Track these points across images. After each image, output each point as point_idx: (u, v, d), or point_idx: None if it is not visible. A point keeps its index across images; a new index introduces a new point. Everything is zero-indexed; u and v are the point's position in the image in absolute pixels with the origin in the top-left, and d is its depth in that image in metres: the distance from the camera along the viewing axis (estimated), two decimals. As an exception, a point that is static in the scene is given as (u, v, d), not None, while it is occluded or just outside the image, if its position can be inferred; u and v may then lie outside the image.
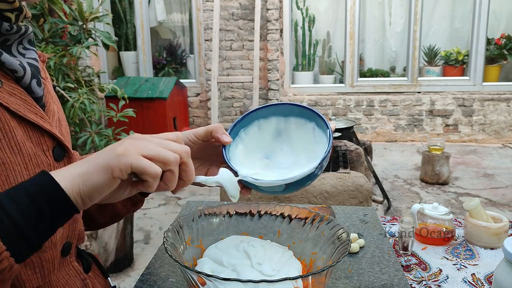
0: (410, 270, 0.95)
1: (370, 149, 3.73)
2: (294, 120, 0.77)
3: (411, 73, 5.19)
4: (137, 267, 2.46)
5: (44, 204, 0.48)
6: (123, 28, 5.62)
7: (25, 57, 0.63)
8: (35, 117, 0.59)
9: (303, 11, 5.37)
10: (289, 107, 0.77)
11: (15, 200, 0.48)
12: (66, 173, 0.51)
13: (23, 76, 0.59)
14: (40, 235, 0.49)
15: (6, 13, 0.59)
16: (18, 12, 0.61)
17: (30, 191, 0.48)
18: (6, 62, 0.57)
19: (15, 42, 0.62)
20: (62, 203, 0.50)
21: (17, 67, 0.59)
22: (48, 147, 0.61)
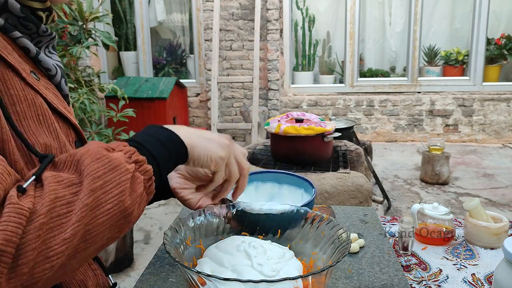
0: (410, 270, 0.95)
1: (370, 149, 3.72)
2: (287, 187, 0.94)
3: (411, 73, 5.19)
4: (137, 267, 2.46)
5: (173, 150, 0.61)
6: (123, 28, 5.62)
7: (52, 59, 0.68)
8: (65, 111, 0.65)
9: (303, 11, 5.37)
10: (284, 175, 0.95)
11: (151, 143, 0.60)
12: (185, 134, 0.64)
13: (55, 74, 0.66)
14: (168, 170, 0.62)
15: (39, 12, 0.63)
16: (48, 13, 0.65)
17: (162, 140, 0.61)
18: (42, 60, 0.64)
19: (44, 45, 0.66)
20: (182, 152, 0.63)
21: (51, 66, 0.65)
22: (72, 139, 0.67)
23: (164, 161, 0.59)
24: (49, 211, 0.45)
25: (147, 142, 0.59)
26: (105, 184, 0.50)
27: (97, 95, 3.00)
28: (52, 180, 0.48)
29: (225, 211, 0.80)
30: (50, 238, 0.45)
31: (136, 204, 0.52)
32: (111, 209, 0.49)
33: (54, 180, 0.48)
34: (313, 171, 2.17)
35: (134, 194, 0.52)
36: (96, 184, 0.49)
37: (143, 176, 0.54)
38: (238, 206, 0.78)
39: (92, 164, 0.50)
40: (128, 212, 0.51)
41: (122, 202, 0.50)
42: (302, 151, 2.17)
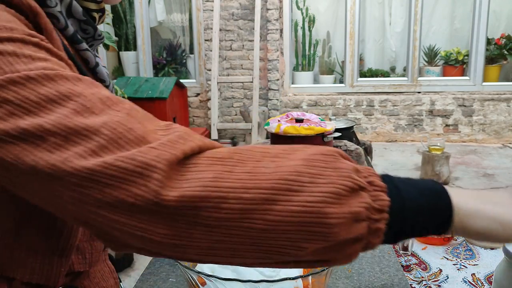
0: (410, 270, 0.95)
1: (370, 149, 3.72)
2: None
3: (411, 73, 5.19)
4: (137, 267, 2.46)
5: (431, 202, 0.43)
6: (123, 28, 5.62)
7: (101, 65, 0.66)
8: None
9: (303, 11, 5.36)
10: None
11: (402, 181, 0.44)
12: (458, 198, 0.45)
13: (109, 85, 0.64)
14: (413, 226, 0.43)
15: (93, 13, 0.62)
16: (101, 14, 0.64)
17: (420, 184, 0.44)
18: (99, 72, 0.62)
19: (93, 46, 0.65)
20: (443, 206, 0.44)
21: (106, 77, 0.63)
22: None
23: (412, 207, 0.42)
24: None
25: (397, 179, 0.44)
26: (318, 174, 0.40)
27: (97, 95, 3.00)
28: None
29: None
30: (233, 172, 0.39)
31: (342, 220, 0.39)
32: (311, 203, 0.39)
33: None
34: (313, 171, 2.17)
35: (345, 208, 0.39)
36: (307, 169, 0.40)
37: (371, 200, 0.41)
38: None
39: (316, 154, 0.42)
40: (327, 221, 0.38)
41: (327, 203, 0.39)
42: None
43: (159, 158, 0.38)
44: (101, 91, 0.45)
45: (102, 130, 0.40)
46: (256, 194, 0.38)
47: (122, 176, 0.38)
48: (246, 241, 0.39)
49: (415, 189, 0.44)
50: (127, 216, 0.38)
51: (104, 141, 0.39)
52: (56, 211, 0.43)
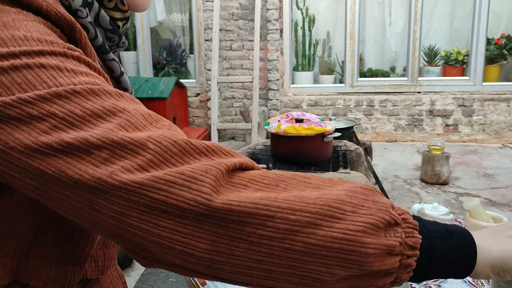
0: (410, 270, 0.95)
1: (370, 149, 3.72)
2: None
3: (411, 73, 5.19)
4: (137, 267, 2.46)
5: (458, 244, 0.45)
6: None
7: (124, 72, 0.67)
8: None
9: (303, 11, 5.36)
10: None
11: (432, 223, 0.46)
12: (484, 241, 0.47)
13: (131, 93, 0.64)
14: (439, 266, 0.45)
15: (117, 22, 0.62)
16: (125, 21, 0.64)
17: (447, 227, 0.47)
18: (123, 81, 0.62)
19: (116, 53, 0.65)
20: (468, 248, 0.46)
21: (129, 85, 0.63)
22: None
23: (442, 250, 0.44)
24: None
25: (426, 220, 0.46)
26: (359, 206, 0.41)
27: (97, 95, 3.00)
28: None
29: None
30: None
31: (378, 251, 0.40)
32: (348, 230, 0.39)
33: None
34: (313, 171, 2.17)
35: (382, 240, 0.40)
36: (349, 199, 0.41)
37: (404, 236, 0.42)
38: None
39: (353, 187, 0.44)
40: (364, 250, 0.39)
41: (364, 234, 0.40)
42: (302, 151, 2.17)
43: (207, 174, 0.39)
44: (142, 107, 0.45)
45: (148, 145, 0.40)
46: (302, 217, 0.39)
47: (171, 190, 0.38)
48: (283, 262, 0.40)
49: (443, 231, 0.46)
50: (171, 230, 0.39)
51: (151, 156, 0.40)
52: (89, 223, 0.42)
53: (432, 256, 0.44)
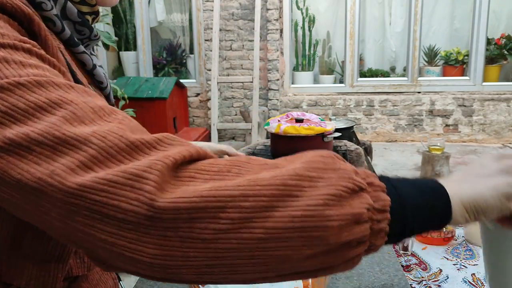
0: (410, 270, 0.95)
1: (370, 149, 3.72)
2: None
3: (411, 73, 5.19)
4: (137, 267, 2.46)
5: (427, 197, 0.44)
6: (123, 28, 5.62)
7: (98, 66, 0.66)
8: None
9: (303, 11, 5.36)
10: None
11: (399, 181, 0.44)
12: (452, 186, 0.46)
13: (106, 86, 0.63)
14: (415, 223, 0.43)
15: (86, 16, 0.61)
16: (95, 16, 0.63)
17: (417, 182, 0.45)
18: (96, 74, 0.61)
19: (90, 47, 0.64)
20: (443, 204, 0.45)
21: (103, 78, 0.63)
22: None
23: (412, 204, 0.43)
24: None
25: (394, 180, 0.44)
26: (318, 178, 0.39)
27: (97, 95, 3.00)
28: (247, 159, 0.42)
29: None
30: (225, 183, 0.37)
31: (344, 222, 0.38)
32: (310, 206, 0.37)
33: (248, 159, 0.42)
34: (313, 171, 2.17)
35: (346, 208, 0.38)
36: (307, 172, 0.39)
37: (372, 201, 0.40)
38: None
39: (314, 155, 0.41)
40: (328, 224, 0.37)
41: (326, 206, 0.37)
42: (302, 151, 2.17)
43: (151, 169, 0.36)
44: (95, 100, 0.42)
45: (91, 139, 0.37)
46: (256, 202, 0.36)
47: (112, 191, 0.35)
48: (244, 254, 0.37)
49: (413, 188, 0.44)
50: (116, 235, 0.36)
51: (94, 151, 0.37)
52: (44, 227, 0.40)
53: (405, 216, 0.42)
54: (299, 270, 0.40)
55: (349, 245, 0.39)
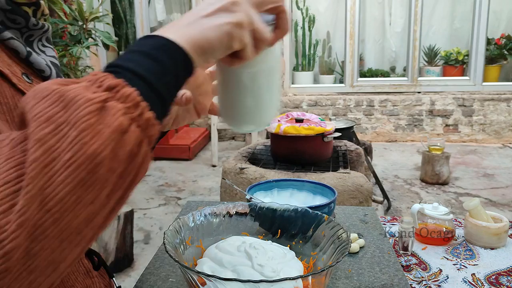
0: (410, 270, 0.95)
1: (370, 149, 3.73)
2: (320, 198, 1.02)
3: (411, 73, 5.19)
4: (137, 267, 2.46)
5: (165, 58, 0.43)
6: (123, 28, 5.62)
7: (46, 54, 0.64)
8: None
9: (303, 11, 5.37)
10: (320, 186, 1.04)
11: (132, 60, 0.42)
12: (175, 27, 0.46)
13: (50, 76, 0.61)
14: (169, 88, 0.44)
15: (23, 7, 0.59)
16: (35, 7, 0.61)
17: (146, 50, 0.43)
18: (34, 62, 0.58)
19: (36, 38, 0.62)
20: (183, 59, 0.44)
21: (44, 67, 0.60)
22: None
23: (156, 76, 0.42)
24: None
25: (126, 60, 0.42)
26: (58, 127, 0.35)
27: (97, 95, 3.00)
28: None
29: (225, 210, 0.80)
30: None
31: (112, 143, 0.36)
32: (71, 159, 0.34)
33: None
34: (313, 171, 2.17)
35: (105, 131, 0.36)
36: (44, 130, 0.35)
37: (122, 104, 0.38)
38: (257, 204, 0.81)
39: (37, 105, 0.37)
40: (99, 159, 0.35)
41: (85, 145, 0.35)
42: (302, 151, 2.17)
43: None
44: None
45: None
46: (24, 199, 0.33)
47: None
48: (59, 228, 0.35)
49: (146, 59, 0.43)
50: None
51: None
52: None
53: (156, 90, 0.42)
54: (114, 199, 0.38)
55: (132, 155, 0.38)
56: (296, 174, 2.06)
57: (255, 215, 0.81)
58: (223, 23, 0.46)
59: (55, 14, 2.76)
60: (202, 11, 0.47)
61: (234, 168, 2.16)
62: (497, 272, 0.93)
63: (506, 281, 0.89)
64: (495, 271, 0.94)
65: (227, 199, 2.14)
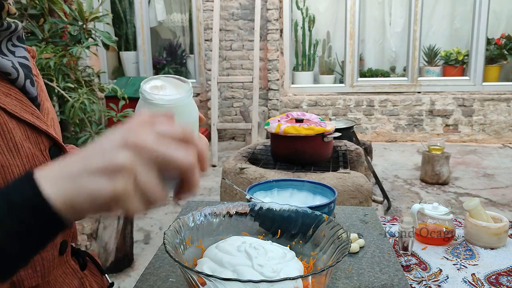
0: (410, 270, 0.95)
1: (370, 149, 3.72)
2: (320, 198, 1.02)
3: (411, 73, 5.19)
4: (137, 267, 2.46)
5: (29, 220, 0.40)
6: (123, 28, 5.62)
7: (15, 55, 0.61)
8: (32, 118, 0.58)
9: (303, 11, 5.37)
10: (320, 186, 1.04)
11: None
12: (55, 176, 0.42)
13: (17, 78, 0.58)
14: (27, 251, 0.41)
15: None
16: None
17: (14, 202, 0.40)
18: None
19: (5, 39, 0.60)
20: (51, 221, 0.41)
21: (10, 69, 0.57)
22: (45, 147, 0.61)
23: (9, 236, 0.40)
24: None
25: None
26: None
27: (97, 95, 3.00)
28: None
29: (225, 210, 0.80)
30: None
31: None
32: None
33: None
34: (313, 171, 2.17)
35: None
36: None
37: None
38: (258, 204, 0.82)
39: None
40: None
41: None
42: (302, 151, 2.17)
43: None
44: None
45: None
46: None
47: None
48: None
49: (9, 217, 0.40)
50: None
51: None
52: None
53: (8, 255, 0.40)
54: None
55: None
56: (296, 174, 2.06)
57: (255, 215, 0.81)
58: (101, 189, 0.40)
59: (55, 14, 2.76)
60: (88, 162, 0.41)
61: (234, 168, 2.16)
62: (497, 272, 0.93)
63: (506, 281, 0.89)
64: (495, 271, 0.94)
65: (227, 199, 2.14)
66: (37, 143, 0.59)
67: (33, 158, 0.58)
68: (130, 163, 0.41)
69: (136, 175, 0.41)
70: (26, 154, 0.56)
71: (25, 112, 0.58)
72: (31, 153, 0.57)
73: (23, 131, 0.57)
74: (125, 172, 0.40)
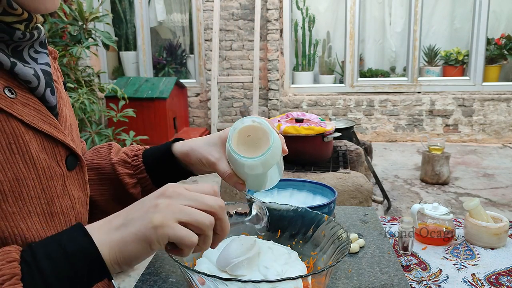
0: (410, 270, 0.95)
1: (370, 149, 3.72)
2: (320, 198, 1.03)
3: (411, 73, 5.19)
4: (137, 267, 2.46)
5: (81, 267, 0.48)
6: (123, 28, 5.62)
7: (38, 62, 0.60)
8: (49, 128, 0.58)
9: (303, 11, 5.37)
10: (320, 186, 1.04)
11: (50, 256, 0.47)
12: (103, 238, 0.50)
13: (37, 86, 0.58)
14: None
15: (15, 25, 0.56)
16: (27, 22, 0.57)
17: (69, 250, 0.47)
18: (20, 73, 0.55)
19: (27, 46, 0.59)
20: (99, 269, 0.49)
21: (31, 77, 0.57)
22: (61, 158, 0.60)
23: (62, 281, 0.47)
24: None
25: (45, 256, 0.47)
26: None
27: (97, 95, 3.01)
28: None
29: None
30: None
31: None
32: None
33: None
34: (313, 171, 2.17)
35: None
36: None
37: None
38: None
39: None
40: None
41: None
42: (302, 151, 2.17)
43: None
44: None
45: None
46: None
47: None
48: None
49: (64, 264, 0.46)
50: None
51: None
52: None
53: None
54: None
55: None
56: (296, 174, 2.06)
57: (255, 215, 0.80)
58: (138, 229, 0.51)
59: (55, 14, 2.76)
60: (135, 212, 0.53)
61: (234, 168, 2.15)
62: (497, 272, 0.93)
63: (506, 281, 0.89)
64: (495, 271, 0.94)
65: (227, 199, 2.14)
66: (53, 153, 0.59)
67: (49, 170, 0.57)
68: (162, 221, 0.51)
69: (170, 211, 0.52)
70: (42, 166, 0.56)
71: (43, 123, 0.57)
72: (47, 165, 0.57)
73: (39, 142, 0.57)
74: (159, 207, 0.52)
